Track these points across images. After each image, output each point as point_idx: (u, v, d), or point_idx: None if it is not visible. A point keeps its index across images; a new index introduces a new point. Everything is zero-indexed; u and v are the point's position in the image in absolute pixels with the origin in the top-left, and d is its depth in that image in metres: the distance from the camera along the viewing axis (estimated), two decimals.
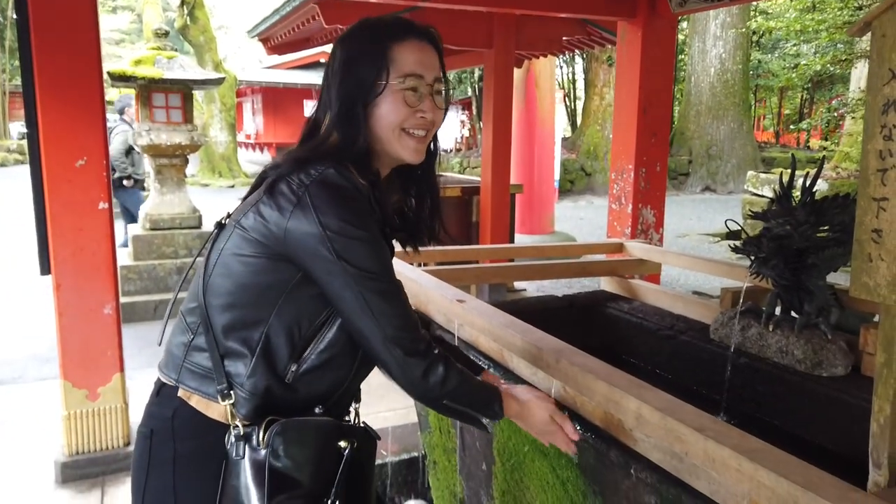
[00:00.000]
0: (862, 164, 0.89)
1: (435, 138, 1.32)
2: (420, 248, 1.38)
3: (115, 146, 6.52)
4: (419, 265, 2.33)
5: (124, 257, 5.60)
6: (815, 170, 1.81)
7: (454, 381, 1.17)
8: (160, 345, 1.25)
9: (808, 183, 1.75)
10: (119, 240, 4.93)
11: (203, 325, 1.16)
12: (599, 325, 2.29)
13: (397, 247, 1.35)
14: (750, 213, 1.87)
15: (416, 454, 2.78)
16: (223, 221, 1.22)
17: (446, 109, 1.28)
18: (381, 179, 1.22)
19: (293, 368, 1.15)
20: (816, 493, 0.78)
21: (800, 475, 0.82)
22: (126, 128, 6.68)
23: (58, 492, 2.78)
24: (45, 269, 2.74)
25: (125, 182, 6.76)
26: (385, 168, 1.26)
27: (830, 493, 0.78)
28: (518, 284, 6.05)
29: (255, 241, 1.13)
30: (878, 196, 0.87)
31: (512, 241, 5.58)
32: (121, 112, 6.98)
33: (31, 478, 2.88)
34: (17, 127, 22.50)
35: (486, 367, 1.67)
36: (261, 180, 1.18)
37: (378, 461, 2.77)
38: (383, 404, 3.37)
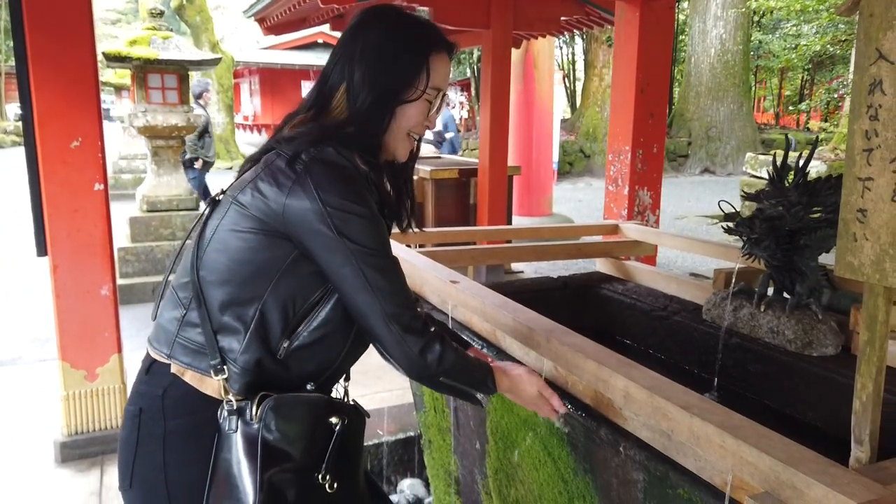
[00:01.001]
0: (848, 144, 0.89)
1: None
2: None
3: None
4: (416, 247, 2.34)
5: (122, 239, 5.60)
6: (809, 151, 1.81)
7: (450, 359, 1.18)
8: (154, 320, 1.25)
9: (801, 164, 1.75)
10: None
11: (196, 300, 1.16)
12: (593, 306, 2.31)
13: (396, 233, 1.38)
14: (744, 194, 1.87)
15: (412, 434, 2.81)
16: (217, 198, 1.22)
17: None
18: (379, 164, 1.24)
19: (285, 344, 1.16)
20: (797, 468, 0.80)
21: (781, 451, 0.83)
22: (201, 112, 6.74)
23: (57, 471, 2.81)
24: (42, 250, 2.74)
25: (195, 164, 7.01)
26: (383, 156, 1.28)
27: (810, 467, 0.80)
28: (516, 266, 6.07)
29: (253, 217, 1.13)
30: (863, 176, 0.88)
31: (509, 223, 5.58)
32: (198, 96, 7.01)
33: (31, 457, 2.91)
34: (14, 108, 22.41)
35: (479, 346, 1.69)
36: (262, 154, 1.18)
37: (375, 441, 2.81)
38: (380, 385, 3.40)
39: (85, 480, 2.74)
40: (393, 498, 2.60)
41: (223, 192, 1.21)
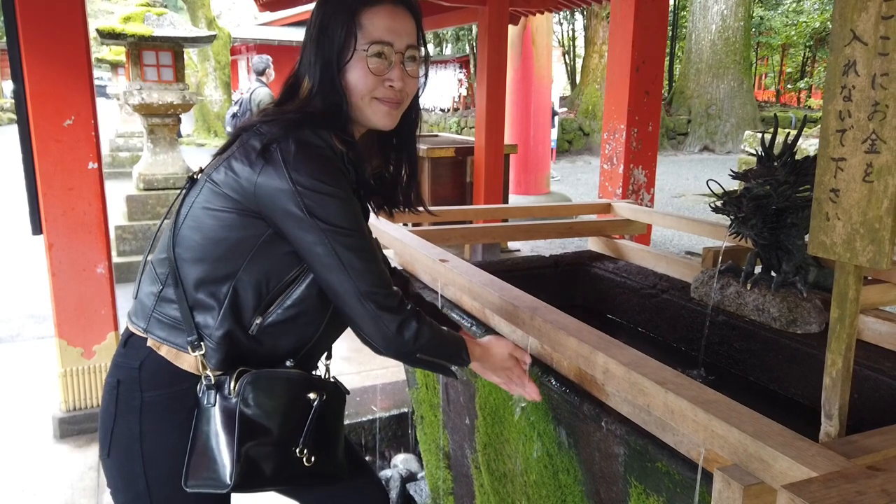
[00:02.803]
0: (822, 124, 0.90)
1: (416, 105, 1.32)
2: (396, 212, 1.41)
3: (254, 106, 6.47)
4: (410, 225, 2.35)
5: (119, 217, 5.61)
6: (797, 129, 1.82)
7: (426, 335, 1.19)
8: (135, 298, 1.27)
9: (789, 143, 1.76)
10: None
11: (172, 276, 1.18)
12: (584, 284, 2.33)
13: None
14: (732, 173, 1.88)
15: (405, 410, 2.85)
16: (195, 176, 1.22)
17: (426, 76, 1.28)
18: (356, 142, 1.23)
19: (257, 321, 1.17)
20: (764, 441, 0.82)
21: (750, 425, 0.85)
22: (266, 90, 6.64)
23: (56, 446, 2.86)
24: (37, 229, 2.75)
25: None
26: (360, 131, 1.26)
27: (777, 440, 0.82)
28: (512, 244, 6.08)
29: (226, 196, 1.14)
30: (836, 156, 0.89)
31: (506, 201, 5.59)
32: (260, 73, 6.90)
33: (30, 433, 2.95)
34: (10, 85, 22.23)
35: (468, 325, 1.71)
36: (235, 137, 1.18)
37: (369, 417, 2.86)
38: (376, 362, 3.43)
39: (83, 455, 2.78)
40: (387, 472, 2.64)
41: (201, 170, 1.22)
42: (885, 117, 0.83)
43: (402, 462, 2.74)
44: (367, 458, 2.77)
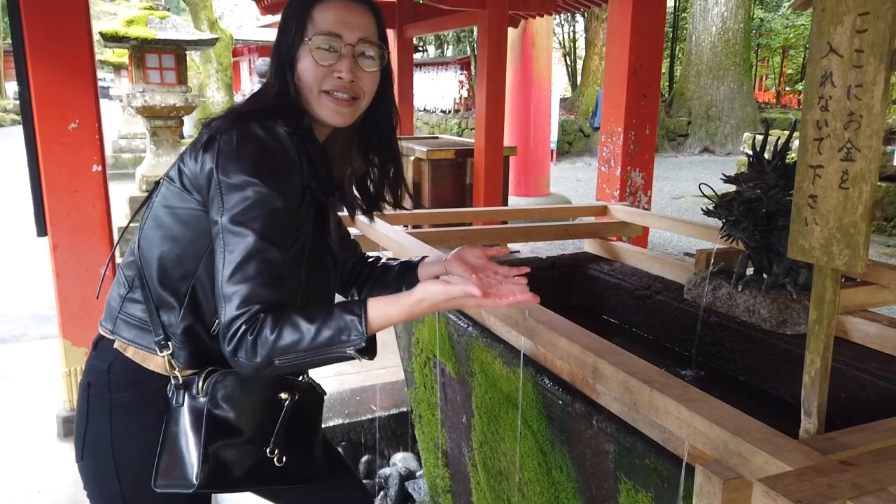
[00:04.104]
0: (801, 132, 0.94)
1: (391, 103, 1.31)
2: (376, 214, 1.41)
3: None
4: (409, 227, 2.38)
5: (122, 218, 5.65)
6: (788, 133, 1.85)
7: (270, 351, 1.03)
8: (97, 298, 1.28)
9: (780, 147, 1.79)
10: None
11: (138, 277, 1.18)
12: (580, 285, 2.36)
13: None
14: (723, 176, 1.92)
15: (404, 409, 2.89)
16: (161, 179, 1.23)
17: (387, 74, 1.27)
18: (311, 134, 1.20)
19: (217, 321, 1.13)
20: (744, 437, 0.86)
21: (731, 422, 0.89)
22: None
23: (60, 444, 2.90)
24: (42, 230, 2.79)
25: None
26: (322, 127, 1.24)
27: (756, 437, 0.86)
28: (512, 246, 6.11)
29: (179, 192, 1.14)
30: (814, 164, 0.92)
31: (505, 203, 5.62)
32: (262, 75, 6.90)
33: (34, 431, 2.99)
34: (14, 86, 22.31)
35: (464, 325, 1.75)
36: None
37: (369, 416, 2.89)
38: (377, 363, 3.46)
39: None
40: (386, 471, 2.68)
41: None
42: (860, 127, 0.86)
43: (401, 460, 2.77)
44: (367, 457, 2.81)
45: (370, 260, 1.55)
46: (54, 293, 2.84)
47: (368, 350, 1.07)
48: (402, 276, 1.46)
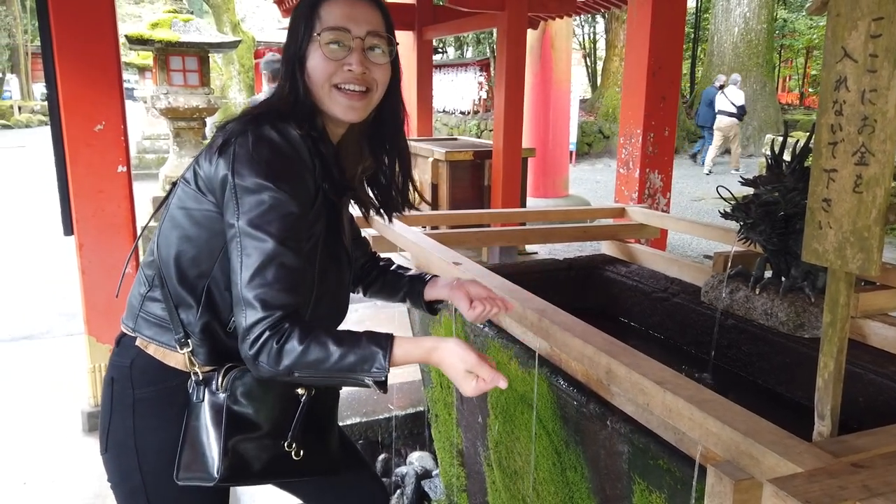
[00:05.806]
0: (816, 137, 0.94)
1: (399, 101, 1.32)
2: (396, 215, 1.42)
3: None
4: (427, 228, 2.41)
5: (145, 218, 5.74)
6: (807, 136, 1.85)
7: (294, 362, 1.07)
8: (117, 296, 1.31)
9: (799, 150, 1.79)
10: None
11: (158, 277, 1.22)
12: (597, 287, 2.37)
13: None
14: (741, 179, 1.92)
15: (420, 408, 2.91)
16: (178, 180, 1.25)
17: (396, 68, 1.28)
18: (326, 135, 1.22)
19: (233, 319, 1.17)
20: (755, 439, 0.86)
21: (743, 423, 0.90)
22: None
23: (85, 439, 2.96)
24: (69, 229, 2.86)
25: None
26: (335, 127, 1.26)
27: (767, 439, 0.86)
28: (530, 247, 6.12)
29: (195, 194, 1.17)
30: (828, 167, 0.93)
31: (524, 205, 5.63)
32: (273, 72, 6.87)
33: (60, 426, 3.06)
34: (41, 88, 22.71)
35: (480, 326, 1.76)
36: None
37: (386, 415, 2.92)
38: None
39: None
40: (402, 469, 2.70)
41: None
42: (874, 131, 0.87)
43: (417, 459, 2.80)
44: (384, 456, 2.84)
45: (381, 262, 1.57)
46: (80, 291, 2.90)
47: (385, 384, 1.10)
48: (412, 288, 1.48)
